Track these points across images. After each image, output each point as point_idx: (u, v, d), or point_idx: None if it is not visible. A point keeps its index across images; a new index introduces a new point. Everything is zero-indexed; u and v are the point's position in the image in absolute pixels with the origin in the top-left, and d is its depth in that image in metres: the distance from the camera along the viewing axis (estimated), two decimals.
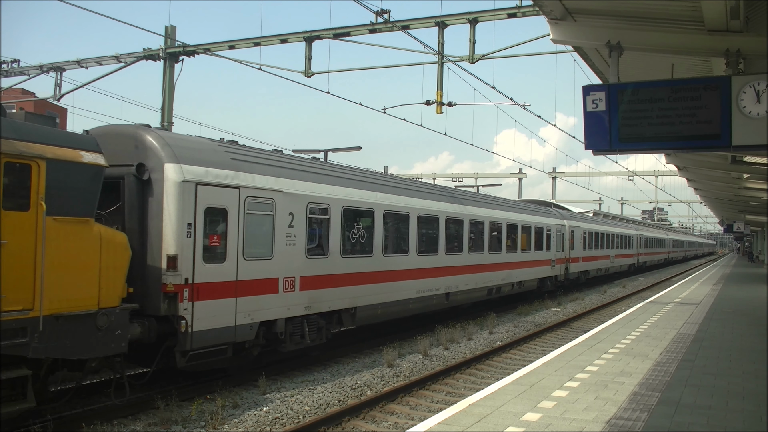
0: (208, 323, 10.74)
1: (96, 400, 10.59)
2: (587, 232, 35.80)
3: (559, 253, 30.56)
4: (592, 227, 37.59)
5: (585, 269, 35.55)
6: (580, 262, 34.52)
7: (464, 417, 7.51)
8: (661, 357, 11.35)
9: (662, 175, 53.85)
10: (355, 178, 15.59)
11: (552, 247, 29.19)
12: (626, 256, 47.18)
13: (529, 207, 28.82)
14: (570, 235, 32.14)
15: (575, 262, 33.40)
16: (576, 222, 34.06)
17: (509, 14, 18.02)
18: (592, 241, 37.14)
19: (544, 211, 30.09)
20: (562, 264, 31.15)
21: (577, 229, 33.59)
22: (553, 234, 29.57)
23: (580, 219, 36.00)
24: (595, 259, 37.94)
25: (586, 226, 36.04)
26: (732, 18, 9.37)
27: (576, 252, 33.51)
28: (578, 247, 33.85)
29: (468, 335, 17.81)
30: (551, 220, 29.86)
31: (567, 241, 31.60)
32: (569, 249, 31.98)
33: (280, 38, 21.26)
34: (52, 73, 25.26)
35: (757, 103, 9.08)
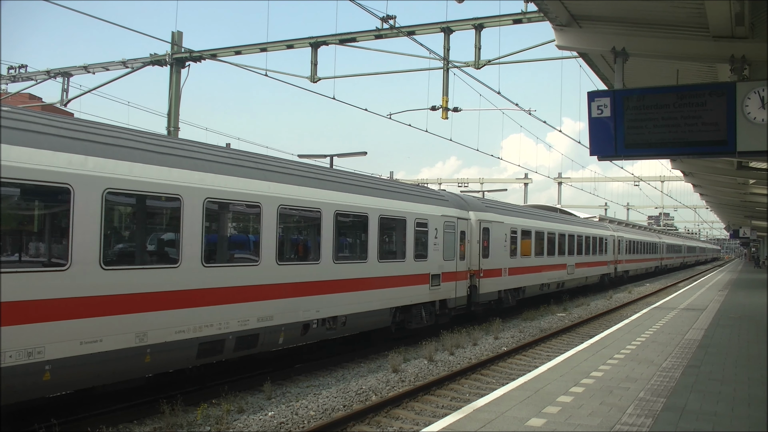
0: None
1: (101, 405, 10.62)
2: (514, 231, 24.28)
3: (449, 264, 18.78)
4: (524, 223, 25.66)
5: (510, 286, 23.61)
6: (503, 277, 22.81)
7: (469, 422, 7.51)
8: (667, 363, 11.33)
9: (668, 181, 53.77)
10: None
11: (430, 253, 17.68)
12: (596, 264, 36.37)
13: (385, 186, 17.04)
14: (480, 234, 21.11)
15: (492, 276, 21.82)
16: (491, 215, 22.40)
17: (515, 20, 18.05)
18: (528, 243, 26.12)
19: (423, 196, 18.36)
20: (462, 281, 19.79)
21: (493, 225, 22.18)
22: (436, 231, 18.14)
23: (500, 210, 24.00)
24: (530, 270, 25.92)
25: (513, 222, 24.28)
26: (737, 24, 9.40)
27: (493, 260, 21.91)
28: (498, 252, 22.52)
29: (473, 340, 17.80)
30: (434, 208, 18.32)
31: (474, 245, 20.78)
32: (479, 256, 20.88)
33: (287, 44, 21.35)
34: (59, 78, 25.37)
35: (762, 109, 9.10)
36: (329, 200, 13.81)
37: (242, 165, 11.90)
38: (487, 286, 21.40)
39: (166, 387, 11.63)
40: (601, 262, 37.46)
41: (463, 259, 19.93)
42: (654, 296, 34.87)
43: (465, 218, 20.18)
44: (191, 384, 12.12)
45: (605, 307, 28.44)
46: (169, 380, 12.07)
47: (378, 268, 15.39)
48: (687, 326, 16.51)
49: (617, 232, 42.15)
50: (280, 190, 12.39)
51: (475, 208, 21.49)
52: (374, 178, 17.97)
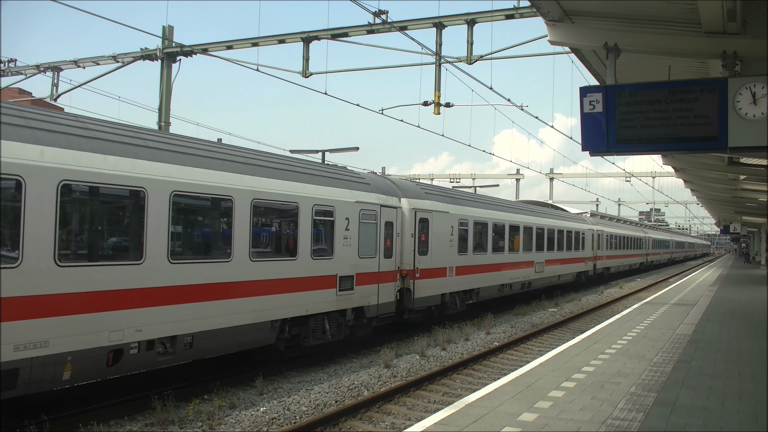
0: None
1: (92, 400, 10.58)
2: (464, 223, 20.51)
3: (368, 262, 15.37)
4: (478, 214, 21.85)
5: (459, 287, 19.95)
6: (448, 277, 19.25)
7: (461, 417, 7.52)
8: (658, 358, 11.38)
9: (659, 177, 53.98)
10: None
11: (338, 249, 14.24)
12: (571, 260, 33.49)
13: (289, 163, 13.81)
14: (416, 227, 17.48)
15: (433, 276, 18.26)
16: (432, 203, 18.71)
17: (507, 15, 18.05)
18: (482, 236, 22.19)
19: (328, 176, 14.57)
20: (388, 284, 16.25)
21: (434, 215, 18.52)
22: (347, 222, 14.61)
23: (445, 197, 20.08)
24: (486, 269, 22.18)
25: (462, 212, 20.53)
26: (729, 20, 9.41)
27: (434, 257, 18.31)
28: (442, 248, 18.92)
29: (465, 336, 17.82)
30: (345, 193, 14.71)
31: (407, 239, 17.24)
32: (414, 253, 17.32)
33: (278, 38, 21.27)
34: (49, 72, 25.20)
35: (754, 105, 9.12)
36: (162, 176, 10.17)
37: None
38: (425, 289, 17.79)
39: (158, 383, 11.59)
40: (577, 259, 34.40)
41: (390, 257, 16.27)
42: (645, 291, 35.02)
43: (393, 206, 16.49)
44: (182, 380, 12.09)
45: (596, 303, 28.54)
46: (161, 376, 12.04)
47: (249, 269, 11.71)
48: (678, 321, 16.58)
49: (597, 226, 39.52)
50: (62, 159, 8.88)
51: (410, 195, 17.83)
52: (249, 150, 13.13)
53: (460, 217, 20.23)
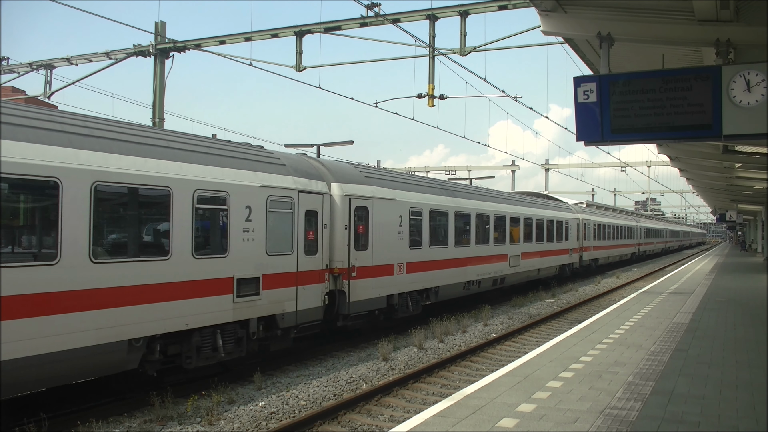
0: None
1: (90, 398, 10.57)
2: (417, 211, 17.84)
3: (281, 261, 12.68)
4: (435, 201, 19.06)
5: (411, 287, 17.33)
6: (397, 275, 16.58)
7: (459, 409, 7.53)
8: (655, 347, 11.40)
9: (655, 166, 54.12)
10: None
11: (234, 246, 11.60)
12: (553, 252, 30.34)
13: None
14: (351, 217, 14.83)
15: (375, 275, 15.63)
16: (373, 188, 15.96)
17: (500, 6, 18.00)
18: (441, 227, 19.39)
19: (221, 155, 11.80)
20: (312, 286, 13.51)
21: (376, 203, 15.81)
22: (249, 211, 11.99)
23: (390, 182, 17.25)
24: (446, 264, 19.32)
25: (414, 199, 17.83)
26: (722, 8, 9.39)
27: (377, 253, 15.73)
28: (388, 241, 16.27)
29: (463, 328, 17.84)
30: (245, 175, 12.00)
31: (340, 232, 14.50)
32: (348, 248, 14.64)
33: (271, 33, 21.20)
34: (42, 70, 25.10)
35: (748, 93, 9.10)
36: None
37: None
38: (364, 290, 15.04)
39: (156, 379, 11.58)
40: (559, 251, 31.46)
41: (314, 253, 13.57)
42: (642, 281, 35.11)
43: (319, 192, 13.81)
44: (181, 376, 12.08)
45: (593, 293, 28.59)
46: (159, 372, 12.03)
47: (89, 273, 9.07)
48: (675, 310, 16.62)
49: (582, 215, 36.75)
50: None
51: (343, 179, 14.97)
52: (87, 118, 10.14)
53: (412, 205, 17.62)
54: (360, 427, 9.73)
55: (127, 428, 9.42)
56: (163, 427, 9.41)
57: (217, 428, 9.39)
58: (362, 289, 15.05)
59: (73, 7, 14.69)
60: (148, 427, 9.38)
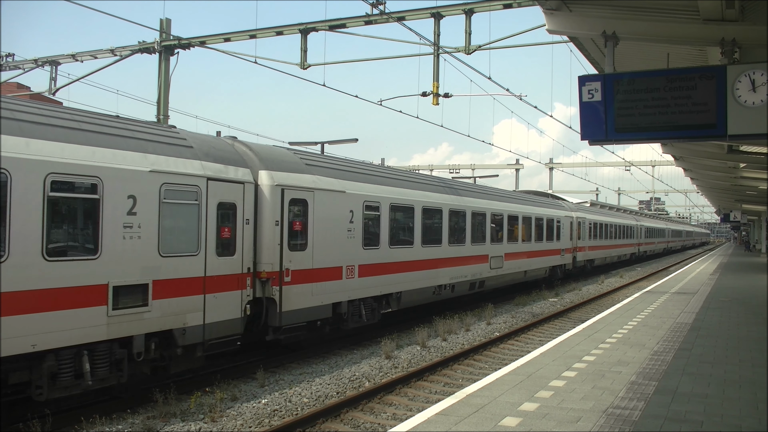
0: None
1: (93, 394, 10.59)
2: (373, 205, 15.62)
3: (182, 263, 10.60)
4: (395, 194, 16.73)
5: (366, 293, 15.25)
6: (346, 280, 14.44)
7: (462, 407, 7.53)
8: (659, 346, 11.39)
9: (659, 165, 53.96)
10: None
11: (110, 244, 9.38)
12: (542, 253, 28.21)
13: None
14: (285, 211, 12.66)
15: (317, 279, 13.47)
16: (315, 178, 13.70)
17: (505, 5, 17.98)
18: (405, 224, 17.32)
19: (88, 130, 9.42)
20: (229, 294, 11.47)
21: (318, 195, 13.57)
22: (133, 203, 9.78)
23: (338, 170, 14.86)
24: (411, 266, 17.26)
25: (368, 191, 15.52)
26: (727, 7, 9.37)
27: (319, 254, 13.56)
28: (334, 240, 14.09)
29: (466, 326, 17.84)
30: (129, 157, 9.78)
31: (268, 228, 12.36)
32: (280, 248, 12.46)
33: (276, 30, 21.20)
34: (47, 67, 25.15)
35: (753, 93, 9.09)
36: None
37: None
38: (301, 298, 12.90)
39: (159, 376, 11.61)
40: (550, 251, 29.32)
41: (231, 254, 11.47)
42: (645, 281, 35.06)
43: (238, 181, 11.68)
44: (184, 373, 12.11)
45: (597, 292, 28.57)
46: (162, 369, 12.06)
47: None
48: (678, 310, 16.60)
49: (577, 213, 34.53)
50: None
51: (275, 166, 12.73)
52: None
53: (367, 198, 15.33)
54: (363, 425, 9.74)
55: (130, 425, 9.45)
56: (166, 424, 9.43)
57: (220, 425, 9.41)
58: (298, 297, 12.86)
59: (79, 4, 14.69)
60: (151, 424, 9.39)
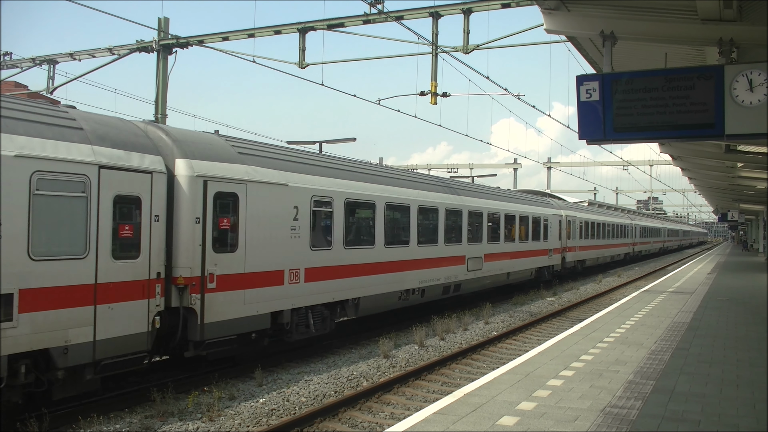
0: None
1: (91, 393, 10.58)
2: (324, 201, 13.91)
3: (65, 266, 8.88)
4: (352, 189, 15.03)
5: (316, 299, 13.65)
6: (290, 285, 12.78)
7: (460, 406, 7.54)
8: (656, 345, 11.40)
9: (657, 165, 54.04)
10: None
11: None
12: (528, 253, 26.57)
13: None
14: (210, 207, 11.01)
15: (250, 285, 11.77)
16: (249, 168, 11.98)
17: (503, 4, 17.98)
18: (364, 222, 15.90)
19: None
20: (123, 305, 9.62)
21: (252, 188, 11.89)
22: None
23: (280, 160, 13.10)
24: (371, 269, 15.57)
25: (318, 185, 13.75)
26: (725, 7, 9.38)
27: (254, 256, 11.91)
28: (274, 240, 12.46)
29: (464, 325, 17.85)
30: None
31: (186, 226, 10.68)
32: (202, 250, 10.78)
33: (274, 29, 21.18)
34: (45, 65, 25.12)
35: (751, 92, 9.09)
36: None
37: None
38: (230, 306, 11.26)
39: (157, 374, 11.61)
40: (536, 251, 27.58)
41: (135, 257, 9.86)
42: (643, 280, 35.09)
43: (144, 170, 9.93)
44: (181, 372, 12.11)
45: (595, 291, 28.59)
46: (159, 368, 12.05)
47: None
48: (676, 309, 16.62)
49: (566, 211, 32.95)
50: None
51: (198, 154, 11.04)
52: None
53: (316, 193, 13.59)
54: (361, 424, 9.74)
55: (128, 424, 9.44)
56: (164, 423, 9.43)
57: (218, 424, 9.41)
58: (226, 305, 11.19)
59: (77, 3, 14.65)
60: (149, 423, 9.39)
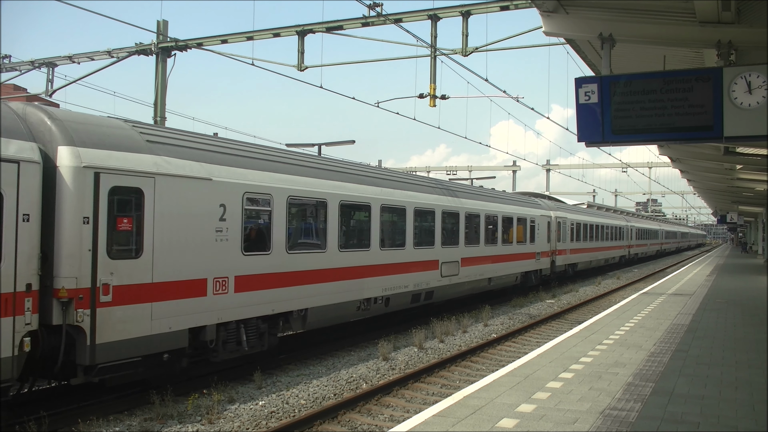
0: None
1: (91, 396, 10.58)
2: (261, 198, 12.25)
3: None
4: (296, 186, 13.08)
5: (252, 312, 11.90)
6: (217, 296, 11.01)
7: (459, 409, 7.54)
8: (656, 348, 11.41)
9: (656, 167, 54.09)
10: None
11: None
12: (512, 257, 24.96)
13: None
14: (95, 206, 9.07)
15: (161, 297, 9.99)
16: (159, 160, 10.11)
17: (502, 7, 18.01)
18: (312, 223, 14.19)
19: None
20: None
21: (161, 182, 10.01)
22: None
23: (207, 152, 11.20)
24: (321, 276, 13.73)
25: (253, 180, 11.98)
26: (723, 9, 9.40)
27: (164, 263, 10.04)
28: (193, 242, 10.60)
29: (463, 328, 17.84)
30: None
31: (72, 228, 8.90)
32: (91, 255, 8.99)
33: (273, 32, 21.21)
34: (44, 68, 25.13)
35: (749, 94, 9.11)
36: None
37: None
38: (131, 323, 9.55)
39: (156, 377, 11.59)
40: (522, 254, 25.92)
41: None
42: (642, 282, 35.10)
43: (8, 160, 8.24)
44: (180, 374, 12.09)
45: (594, 293, 28.59)
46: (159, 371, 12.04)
47: None
48: (675, 311, 16.62)
49: (556, 212, 31.37)
50: None
51: (89, 141, 9.27)
52: None
53: (250, 189, 11.80)
54: (360, 427, 9.74)
55: (127, 426, 9.43)
56: (164, 426, 9.42)
57: (218, 427, 9.40)
58: (126, 322, 9.46)
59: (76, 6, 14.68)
60: (149, 426, 9.39)
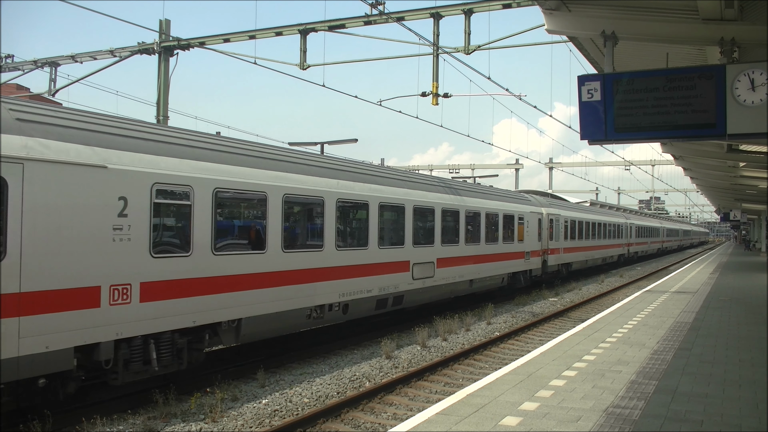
0: None
1: (94, 395, 10.60)
2: (182, 191, 10.33)
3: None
4: (228, 177, 11.18)
5: (159, 325, 9.89)
6: (115, 306, 9.12)
7: (462, 407, 7.54)
8: (659, 346, 11.40)
9: (659, 165, 53.96)
10: None
11: None
12: (498, 257, 23.03)
13: None
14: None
15: (11, 313, 7.71)
16: (27, 140, 8.12)
17: (504, 5, 18.01)
18: (249, 219, 12.25)
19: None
20: None
21: (27, 169, 8.07)
22: None
23: (99, 133, 9.26)
24: (257, 281, 11.73)
25: (167, 169, 10.08)
26: (726, 6, 9.39)
27: (25, 272, 8.01)
28: (62, 243, 8.49)
29: (466, 326, 17.85)
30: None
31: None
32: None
33: (275, 31, 21.22)
34: (47, 68, 25.16)
35: (752, 92, 9.10)
36: None
37: None
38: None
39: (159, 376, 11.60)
40: (509, 254, 24.00)
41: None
42: (645, 280, 35.06)
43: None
44: (184, 373, 12.10)
45: (597, 292, 28.57)
46: None
47: None
48: (678, 309, 16.60)
49: (549, 209, 29.67)
50: None
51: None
52: None
53: (161, 180, 9.99)
54: (363, 425, 9.75)
55: (131, 425, 9.45)
56: (167, 425, 9.44)
57: (221, 425, 9.41)
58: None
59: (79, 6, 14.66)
60: (152, 424, 9.40)
